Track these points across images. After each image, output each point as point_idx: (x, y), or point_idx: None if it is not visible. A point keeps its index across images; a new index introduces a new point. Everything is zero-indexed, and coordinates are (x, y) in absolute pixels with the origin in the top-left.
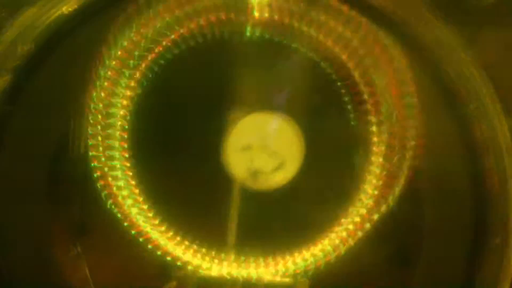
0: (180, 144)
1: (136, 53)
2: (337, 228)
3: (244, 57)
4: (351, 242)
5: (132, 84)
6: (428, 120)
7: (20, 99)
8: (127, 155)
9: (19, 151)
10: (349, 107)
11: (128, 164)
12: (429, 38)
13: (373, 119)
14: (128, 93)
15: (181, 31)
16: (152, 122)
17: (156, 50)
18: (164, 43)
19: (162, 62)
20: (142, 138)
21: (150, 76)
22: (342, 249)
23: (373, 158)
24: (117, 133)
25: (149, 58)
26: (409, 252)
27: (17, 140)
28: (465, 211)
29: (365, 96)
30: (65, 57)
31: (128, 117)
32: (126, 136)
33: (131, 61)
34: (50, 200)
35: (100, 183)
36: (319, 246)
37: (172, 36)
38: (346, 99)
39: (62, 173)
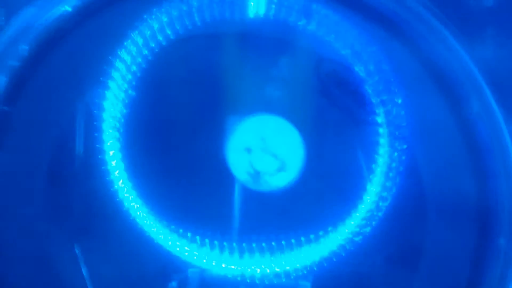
0: (182, 145)
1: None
2: (339, 228)
3: (244, 59)
4: (353, 242)
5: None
6: (431, 123)
7: (19, 100)
8: (130, 155)
9: (18, 152)
10: (352, 107)
11: (131, 164)
12: (430, 40)
13: (377, 119)
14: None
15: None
16: (155, 123)
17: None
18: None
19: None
20: (145, 138)
21: (152, 77)
22: (344, 250)
23: (376, 158)
24: (119, 131)
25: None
26: (412, 253)
27: (16, 141)
28: (469, 211)
29: (369, 97)
30: (64, 57)
31: (130, 117)
32: (128, 134)
33: (130, 60)
34: (49, 201)
35: (102, 182)
36: (321, 246)
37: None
38: (349, 99)
39: (61, 174)
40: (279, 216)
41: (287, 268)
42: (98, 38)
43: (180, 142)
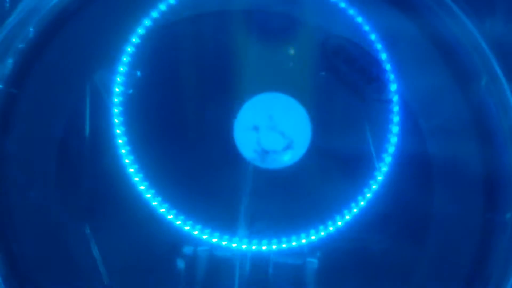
0: (190, 124)
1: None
2: (346, 206)
3: (251, 38)
4: (360, 219)
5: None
6: (439, 98)
7: (26, 82)
8: (138, 134)
9: (27, 134)
10: (360, 84)
11: (139, 143)
12: (440, 15)
13: (386, 96)
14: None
15: None
16: (162, 102)
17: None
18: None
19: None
20: (152, 118)
21: (159, 56)
22: (351, 227)
23: (385, 136)
24: (127, 110)
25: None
26: (418, 229)
27: (25, 123)
28: (476, 186)
29: (377, 73)
30: (70, 38)
31: (138, 96)
32: (136, 113)
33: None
34: (59, 182)
35: (111, 162)
36: (328, 224)
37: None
38: (356, 76)
39: (70, 154)
40: (286, 193)
41: (295, 245)
42: (104, 19)
43: (188, 121)
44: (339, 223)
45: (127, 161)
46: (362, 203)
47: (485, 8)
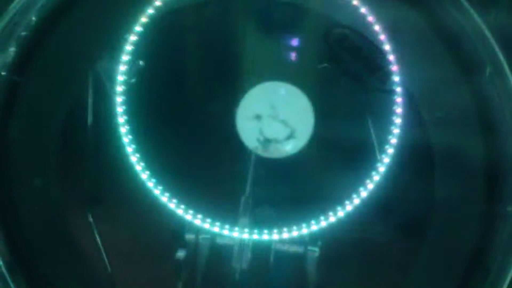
0: (192, 113)
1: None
2: (348, 197)
3: (254, 27)
4: (361, 209)
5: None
6: (442, 89)
7: (29, 70)
8: (141, 123)
9: (30, 122)
10: (363, 74)
11: (142, 131)
12: (444, 5)
13: (389, 87)
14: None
15: None
16: (165, 91)
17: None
18: None
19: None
20: (155, 106)
21: (162, 45)
22: (352, 216)
23: (387, 127)
24: (130, 99)
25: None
26: (420, 221)
27: (27, 110)
28: (478, 179)
29: (381, 63)
30: (72, 27)
31: (141, 85)
32: (139, 102)
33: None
34: (61, 170)
35: (113, 151)
36: (330, 214)
37: None
38: (360, 66)
39: (73, 142)
40: (288, 183)
41: (296, 234)
42: (107, 7)
43: (190, 110)
44: (341, 213)
45: (130, 150)
46: (363, 193)
47: None
